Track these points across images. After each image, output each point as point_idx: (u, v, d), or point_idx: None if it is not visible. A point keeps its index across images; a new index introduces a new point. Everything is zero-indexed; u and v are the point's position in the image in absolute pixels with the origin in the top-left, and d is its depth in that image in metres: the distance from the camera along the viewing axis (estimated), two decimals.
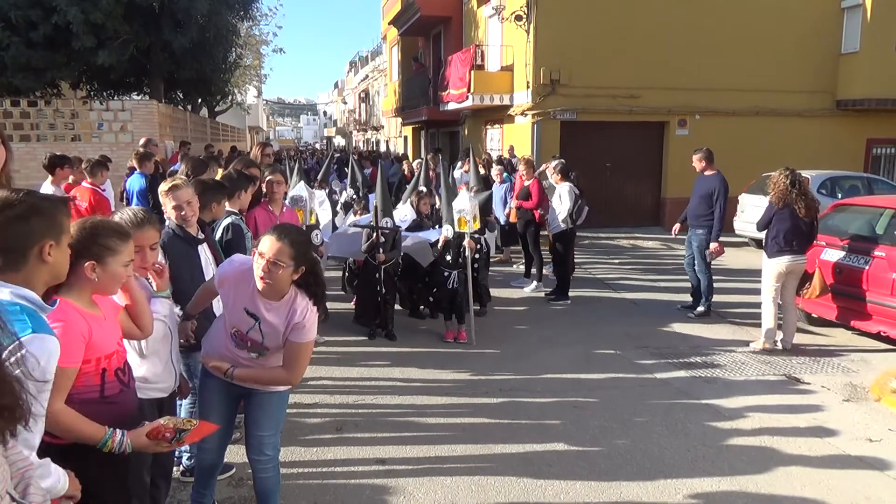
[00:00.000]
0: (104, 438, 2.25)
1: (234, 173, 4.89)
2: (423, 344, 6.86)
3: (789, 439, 4.74)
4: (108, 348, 2.39)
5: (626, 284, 9.83)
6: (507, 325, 7.59)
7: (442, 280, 6.92)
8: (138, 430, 2.33)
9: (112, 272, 2.41)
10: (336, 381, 5.78)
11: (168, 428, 2.35)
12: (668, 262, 11.81)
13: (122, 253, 2.43)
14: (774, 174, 6.69)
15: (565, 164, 9.02)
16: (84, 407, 2.26)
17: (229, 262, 3.12)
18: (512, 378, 5.89)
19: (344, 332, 7.14)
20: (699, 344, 6.96)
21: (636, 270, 10.96)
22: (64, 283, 2.29)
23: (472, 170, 8.79)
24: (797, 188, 6.54)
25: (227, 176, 4.84)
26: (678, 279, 9.84)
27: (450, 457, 4.42)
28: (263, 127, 64.34)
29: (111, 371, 2.39)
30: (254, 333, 3.01)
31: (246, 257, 3.15)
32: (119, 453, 2.28)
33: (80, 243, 2.33)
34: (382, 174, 7.35)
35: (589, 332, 7.39)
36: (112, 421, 2.34)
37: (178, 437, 2.37)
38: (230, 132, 33.12)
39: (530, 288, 9.24)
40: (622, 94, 14.73)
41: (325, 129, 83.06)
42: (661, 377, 5.98)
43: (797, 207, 6.51)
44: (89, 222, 2.42)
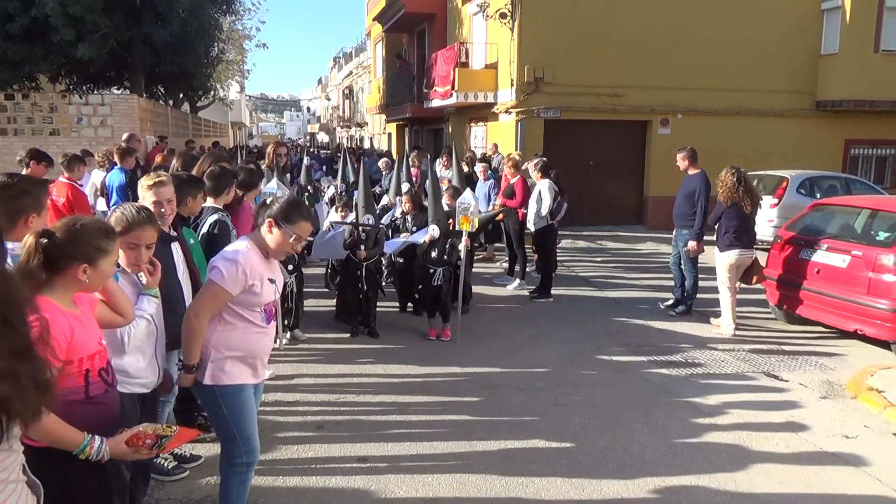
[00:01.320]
0: (82, 445, 2.20)
1: (218, 169, 4.84)
2: (406, 341, 6.85)
3: (767, 436, 4.79)
4: (90, 348, 2.36)
5: (608, 282, 9.88)
6: (490, 323, 7.60)
7: (426, 277, 6.92)
8: (117, 437, 2.29)
9: (102, 272, 2.41)
10: (317, 378, 5.75)
11: (149, 434, 2.31)
12: (651, 260, 11.89)
13: (112, 253, 2.44)
14: (722, 174, 7.16)
15: (546, 161, 9.05)
16: (69, 409, 2.22)
17: (233, 257, 2.98)
18: (494, 375, 5.90)
19: (325, 330, 7.10)
20: (680, 341, 7.01)
21: (619, 269, 11.02)
22: (46, 282, 2.25)
23: (455, 167, 8.78)
24: (743, 186, 7.04)
25: (213, 172, 4.78)
26: (660, 277, 9.91)
27: (431, 454, 4.41)
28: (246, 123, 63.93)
29: (95, 371, 2.36)
30: (276, 295, 3.17)
31: (233, 247, 3.09)
32: (96, 461, 2.23)
33: (70, 245, 2.30)
34: (365, 171, 7.31)
35: (571, 329, 7.41)
36: (97, 422, 2.30)
37: (159, 444, 2.33)
38: (212, 128, 32.84)
39: (513, 286, 9.25)
40: (605, 93, 14.80)
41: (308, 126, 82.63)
42: (642, 374, 6.01)
43: (744, 204, 7.01)
44: (78, 224, 2.38)
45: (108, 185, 8.58)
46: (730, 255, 7.15)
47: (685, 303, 8.03)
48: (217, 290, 2.95)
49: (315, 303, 7.95)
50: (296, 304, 6.52)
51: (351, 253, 6.87)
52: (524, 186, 9.14)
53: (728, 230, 7.12)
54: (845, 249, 6.79)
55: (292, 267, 6.38)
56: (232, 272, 2.93)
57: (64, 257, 2.30)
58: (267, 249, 3.06)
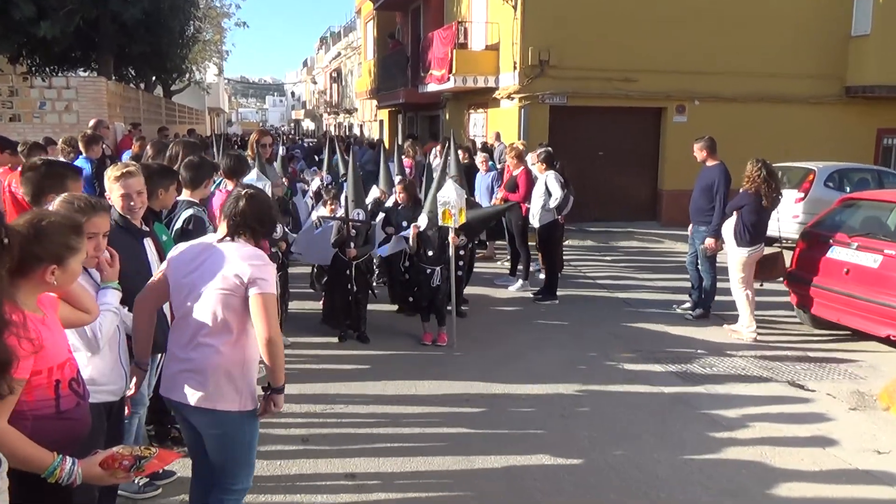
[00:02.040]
0: (51, 467, 2.15)
1: (197, 159, 4.82)
2: (399, 347, 6.84)
3: (792, 451, 4.79)
4: (60, 356, 2.33)
5: (618, 283, 9.89)
6: (491, 327, 7.59)
7: (423, 277, 6.90)
8: (91, 458, 2.25)
9: (71, 272, 2.41)
10: (302, 387, 5.72)
11: (126, 456, 2.27)
12: (665, 259, 11.90)
13: (81, 250, 2.44)
14: (748, 168, 7.24)
15: (550, 152, 9.04)
16: (39, 424, 2.19)
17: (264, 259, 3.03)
18: (495, 384, 5.89)
19: (311, 334, 7.09)
20: (697, 347, 7.01)
21: (630, 268, 11.03)
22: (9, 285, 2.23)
23: (453, 158, 8.75)
24: (770, 179, 7.16)
25: (191, 163, 4.76)
26: (675, 277, 9.92)
27: (426, 471, 4.41)
28: (225, 108, 63.86)
29: (65, 382, 2.33)
30: None
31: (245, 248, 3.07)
32: (68, 484, 2.18)
33: (37, 245, 2.28)
34: (354, 161, 7.30)
35: (578, 334, 7.42)
36: (68, 440, 2.26)
37: (138, 466, 2.27)
38: (188, 114, 32.78)
39: (516, 287, 9.25)
40: (616, 78, 14.79)
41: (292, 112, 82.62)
42: (655, 384, 6.01)
43: (766, 199, 7.11)
44: (44, 220, 2.36)
45: None
46: (744, 251, 7.24)
47: (702, 305, 8.03)
48: (273, 298, 2.95)
49: (300, 304, 7.94)
50: (279, 306, 6.50)
51: (339, 251, 6.86)
52: (528, 179, 9.13)
53: (746, 224, 7.20)
54: (877, 248, 6.79)
55: (275, 265, 6.35)
56: (272, 273, 3.00)
57: (30, 258, 2.25)
58: None
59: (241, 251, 2.98)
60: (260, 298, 2.88)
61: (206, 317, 2.93)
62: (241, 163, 5.31)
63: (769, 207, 7.22)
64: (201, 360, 2.94)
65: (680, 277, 9.43)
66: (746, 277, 7.29)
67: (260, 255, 2.99)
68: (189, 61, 29.15)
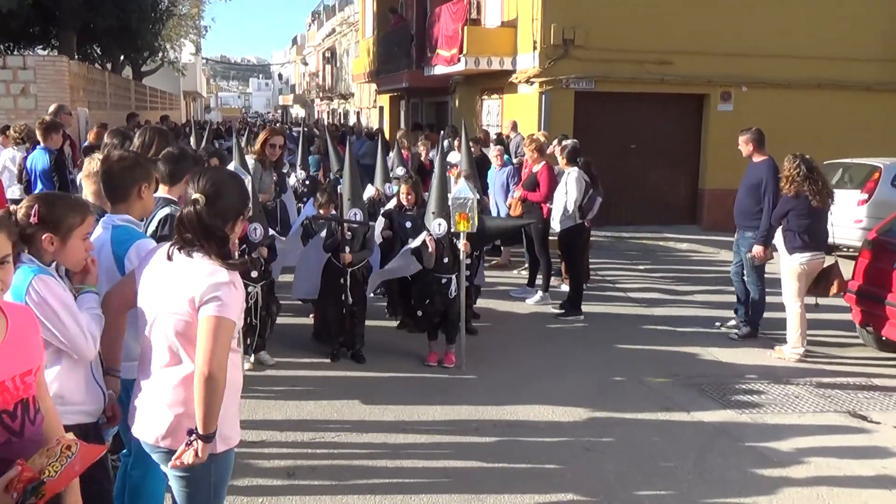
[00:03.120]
0: None
1: (177, 151, 4.84)
2: (400, 368, 6.85)
3: (852, 492, 4.77)
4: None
5: (653, 297, 9.88)
6: (505, 346, 7.59)
7: (438, 288, 6.88)
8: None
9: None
10: (288, 413, 5.75)
11: (26, 477, 2.15)
12: (707, 269, 11.88)
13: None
14: (785, 164, 7.30)
15: (576, 144, 9.05)
16: None
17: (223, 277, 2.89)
18: (509, 411, 5.89)
19: (299, 352, 7.11)
20: (742, 372, 7.00)
21: (666, 280, 11.02)
22: None
23: (464, 151, 8.79)
24: (811, 175, 7.17)
25: (171, 155, 4.78)
26: (719, 291, 9.90)
27: None
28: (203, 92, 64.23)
29: None
30: None
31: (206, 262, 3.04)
32: None
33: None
34: (351, 154, 7.32)
35: (606, 355, 7.41)
36: None
37: (34, 492, 2.13)
38: (160, 98, 32.99)
39: (534, 300, 9.26)
40: (651, 60, 14.78)
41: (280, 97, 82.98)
42: (693, 413, 6.00)
43: (811, 197, 7.12)
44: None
45: (28, 168, 8.62)
46: (797, 260, 7.22)
47: (750, 323, 8.02)
48: (228, 325, 2.81)
49: (287, 318, 7.96)
50: (261, 320, 6.53)
51: (332, 256, 6.88)
52: (549, 175, 9.15)
53: (795, 229, 7.21)
54: None
55: (257, 273, 6.38)
56: (233, 296, 2.85)
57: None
58: None
59: (198, 266, 2.88)
60: (209, 321, 2.76)
61: (162, 345, 2.90)
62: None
63: (822, 207, 7.21)
64: (160, 393, 2.93)
65: (724, 290, 9.41)
66: (800, 290, 7.28)
67: (220, 272, 2.85)
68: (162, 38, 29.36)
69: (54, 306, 2.82)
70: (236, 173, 3.63)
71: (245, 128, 21.09)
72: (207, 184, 2.93)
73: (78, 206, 3.07)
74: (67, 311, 2.86)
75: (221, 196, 2.92)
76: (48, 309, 2.81)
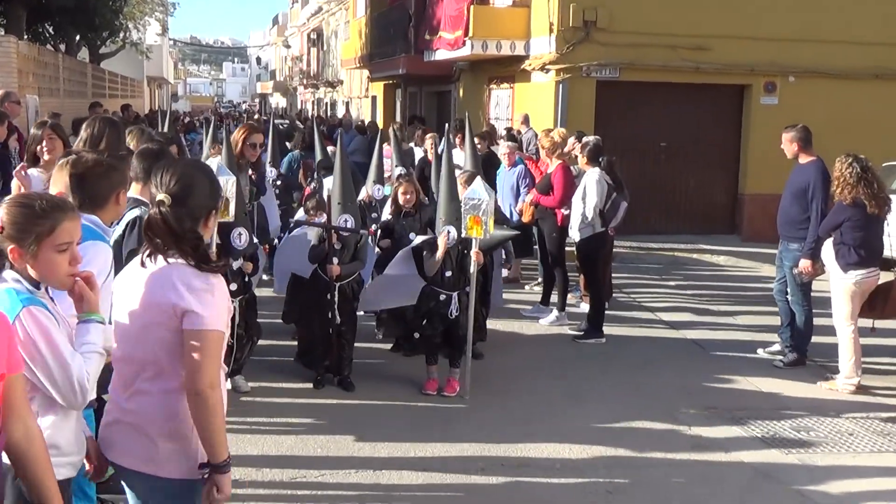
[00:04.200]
0: None
1: (155, 147, 4.85)
2: (394, 396, 6.85)
3: None
4: None
5: (685, 318, 9.88)
6: (516, 373, 7.60)
7: (436, 305, 6.90)
8: None
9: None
10: (265, 447, 5.75)
11: None
12: (747, 286, 11.88)
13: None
14: (837, 165, 7.24)
15: (599, 142, 9.07)
16: None
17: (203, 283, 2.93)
18: (519, 448, 5.89)
19: (279, 378, 7.11)
20: (788, 405, 6.99)
21: (700, 298, 11.02)
22: None
23: (468, 148, 8.81)
24: (867, 179, 7.11)
25: (148, 151, 4.80)
26: (761, 311, 9.90)
27: None
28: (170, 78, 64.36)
29: None
30: None
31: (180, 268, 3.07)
32: None
33: None
34: (343, 151, 7.34)
35: (631, 384, 7.41)
36: None
37: None
38: (121, 84, 33.05)
39: (549, 320, 9.27)
40: (685, 45, 14.81)
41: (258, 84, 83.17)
42: (732, 451, 5.99)
43: (868, 204, 7.06)
44: None
45: None
46: (852, 278, 7.18)
47: (796, 349, 8.02)
48: (216, 337, 2.87)
49: (266, 339, 7.95)
50: (238, 341, 6.54)
51: (318, 268, 6.89)
52: (566, 177, 9.16)
53: (850, 242, 7.14)
54: None
55: (237, 286, 6.40)
56: (217, 303, 2.90)
57: None
58: None
59: (175, 273, 2.90)
60: (194, 335, 2.81)
61: (141, 358, 2.93)
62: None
63: (879, 215, 7.20)
64: (139, 411, 2.96)
65: (767, 311, 9.40)
66: (853, 311, 7.27)
67: (199, 277, 2.88)
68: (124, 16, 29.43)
69: (41, 347, 2.67)
70: (204, 164, 3.66)
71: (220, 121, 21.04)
72: (172, 181, 2.93)
73: (48, 208, 2.79)
74: (55, 355, 2.69)
75: (190, 194, 2.93)
76: (34, 350, 2.67)
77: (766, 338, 8.67)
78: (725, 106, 15.71)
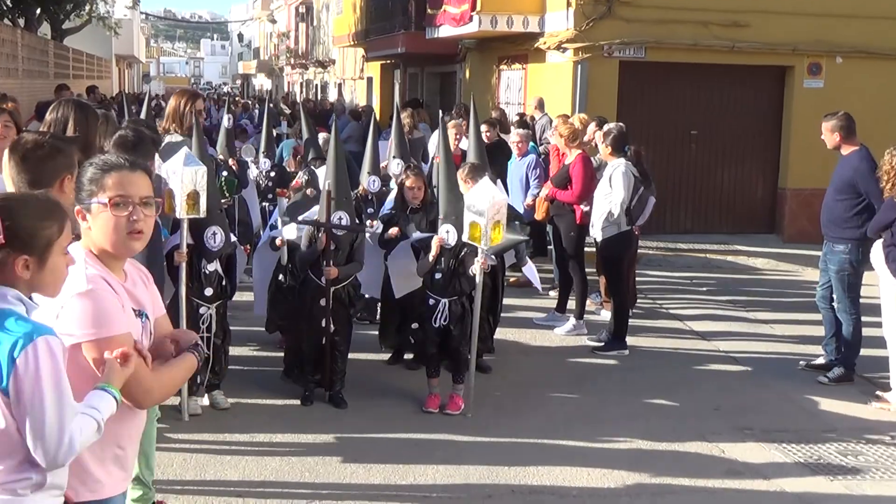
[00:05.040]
0: None
1: (132, 134, 4.83)
2: (390, 414, 6.84)
3: None
4: None
5: (717, 328, 9.87)
6: (527, 389, 7.59)
7: (423, 309, 6.92)
8: None
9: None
10: (248, 472, 5.74)
11: None
12: (788, 291, 11.88)
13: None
14: (887, 157, 7.21)
15: (623, 129, 9.04)
16: None
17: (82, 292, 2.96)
18: (532, 474, 5.88)
19: (263, 393, 7.10)
20: (833, 426, 6.98)
21: (735, 305, 11.01)
22: None
23: (473, 136, 8.80)
24: None
25: (125, 139, 4.80)
26: (803, 321, 9.88)
27: None
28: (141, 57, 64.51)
29: None
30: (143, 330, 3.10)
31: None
32: None
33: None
34: (338, 139, 7.34)
35: (658, 402, 7.41)
36: None
37: None
38: (87, 63, 33.10)
39: (565, 329, 9.26)
40: (719, 21, 14.80)
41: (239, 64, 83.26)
42: (772, 479, 5.97)
43: None
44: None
45: None
46: None
47: (843, 363, 8.01)
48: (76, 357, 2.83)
49: (247, 350, 7.97)
50: (215, 351, 6.53)
51: (310, 271, 6.87)
52: (587, 169, 9.15)
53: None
54: None
55: (212, 291, 6.40)
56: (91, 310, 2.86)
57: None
58: (103, 254, 2.99)
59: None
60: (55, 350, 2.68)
61: None
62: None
63: None
64: None
65: (810, 320, 9.38)
66: None
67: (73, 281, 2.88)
68: None
69: (44, 387, 2.55)
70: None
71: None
72: None
73: (52, 207, 2.78)
74: (57, 401, 2.57)
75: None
76: (35, 387, 2.55)
77: (809, 350, 8.67)
78: (764, 90, 15.67)
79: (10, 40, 19.26)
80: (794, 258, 13.71)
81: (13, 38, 19.64)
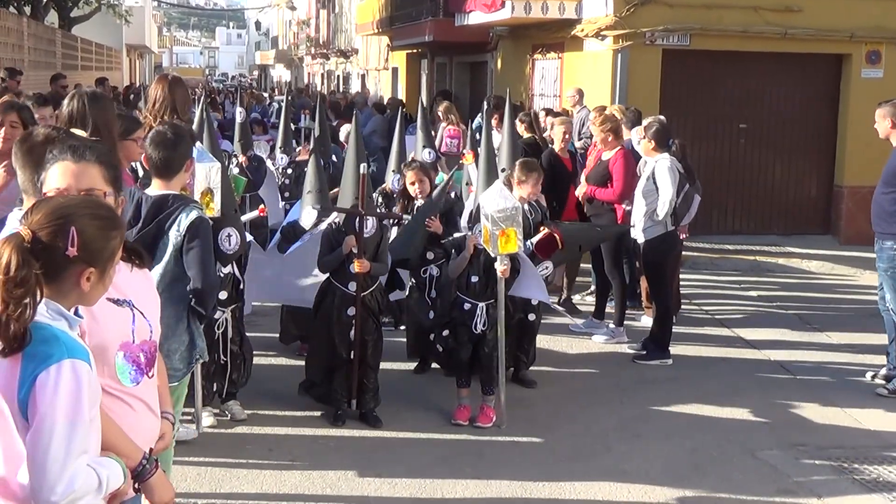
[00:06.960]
0: None
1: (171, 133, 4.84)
2: (417, 427, 6.86)
3: None
4: None
5: (768, 336, 9.82)
6: (563, 400, 7.60)
7: (460, 316, 6.92)
8: None
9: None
10: (265, 485, 5.77)
11: None
12: (845, 296, 11.81)
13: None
14: None
15: (664, 123, 9.02)
16: None
17: None
18: (569, 490, 5.89)
19: (281, 404, 7.13)
20: (894, 442, 6.93)
21: (787, 311, 10.95)
22: None
23: (507, 130, 8.80)
24: None
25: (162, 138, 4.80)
26: (862, 328, 9.81)
27: None
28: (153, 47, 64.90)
29: None
30: (141, 326, 3.14)
31: None
32: None
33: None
34: (358, 134, 7.36)
35: (703, 415, 7.38)
36: None
37: None
38: (96, 54, 33.33)
39: (603, 337, 9.25)
40: (770, 6, 14.73)
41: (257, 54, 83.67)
42: (826, 498, 5.95)
43: None
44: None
45: None
46: None
47: None
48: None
49: (265, 358, 8.01)
50: (232, 358, 6.57)
51: (333, 278, 6.82)
52: (628, 165, 9.13)
53: None
54: None
55: (227, 294, 6.43)
56: None
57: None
58: None
59: None
60: None
61: None
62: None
63: None
64: None
65: (871, 327, 9.31)
66: None
67: None
68: None
69: (57, 413, 2.51)
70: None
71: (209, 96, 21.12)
72: None
73: (114, 216, 2.81)
74: (68, 431, 2.52)
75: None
76: (48, 410, 2.50)
77: (868, 360, 8.61)
78: (819, 80, 15.58)
79: (16, 29, 19.39)
80: (851, 261, 13.60)
81: (19, 28, 19.78)
